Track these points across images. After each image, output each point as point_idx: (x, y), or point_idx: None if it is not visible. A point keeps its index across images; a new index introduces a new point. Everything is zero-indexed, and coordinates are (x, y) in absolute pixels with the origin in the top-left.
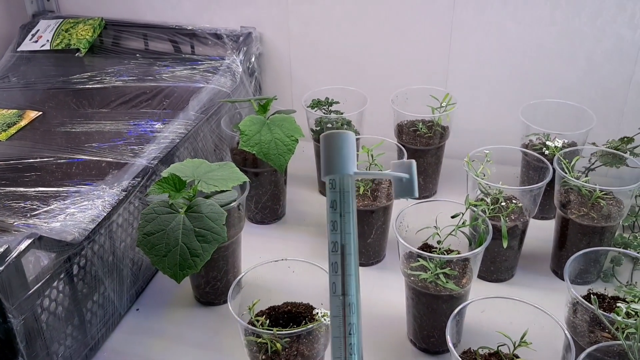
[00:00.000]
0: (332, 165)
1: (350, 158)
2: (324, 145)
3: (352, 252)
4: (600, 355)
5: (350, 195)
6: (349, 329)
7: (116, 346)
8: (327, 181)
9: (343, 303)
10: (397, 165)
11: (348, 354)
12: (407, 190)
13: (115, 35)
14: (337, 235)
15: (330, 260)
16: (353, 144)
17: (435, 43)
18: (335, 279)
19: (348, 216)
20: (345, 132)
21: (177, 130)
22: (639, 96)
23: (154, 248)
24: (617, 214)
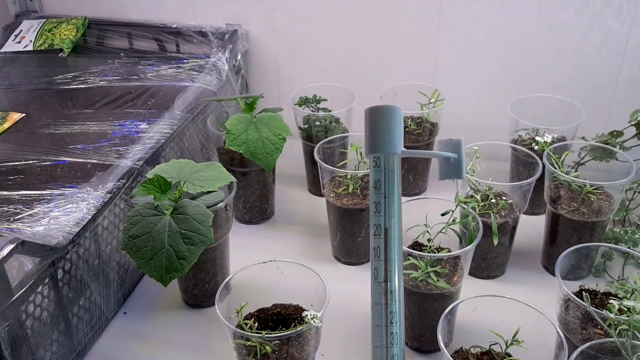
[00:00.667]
0: (377, 142)
1: (398, 135)
2: (370, 119)
3: (396, 236)
4: (593, 352)
5: (396, 175)
6: (391, 317)
7: (103, 351)
8: (370, 159)
9: (385, 290)
10: (444, 143)
11: (389, 344)
12: (454, 171)
13: (99, 34)
14: (380, 217)
15: (373, 245)
16: (401, 120)
17: (423, 39)
18: (377, 264)
19: (392, 197)
20: (393, 106)
21: (163, 130)
22: (627, 90)
23: (139, 251)
24: (608, 209)
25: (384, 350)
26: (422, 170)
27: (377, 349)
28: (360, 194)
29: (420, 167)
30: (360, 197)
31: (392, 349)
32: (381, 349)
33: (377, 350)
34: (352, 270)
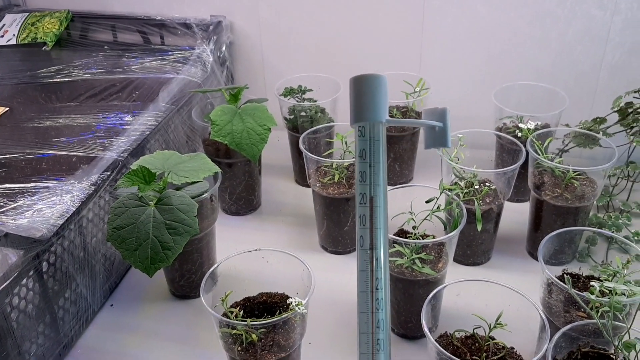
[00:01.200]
0: (362, 111)
1: (383, 104)
2: (354, 88)
3: (382, 204)
4: (575, 334)
5: (381, 144)
6: (376, 283)
7: (90, 343)
8: (355, 128)
9: (370, 257)
10: (429, 112)
11: (375, 309)
12: (439, 140)
13: (82, 27)
14: (366, 186)
15: (359, 213)
16: (386, 89)
17: (407, 28)
18: (363, 232)
19: (378, 166)
20: (378, 75)
21: (147, 122)
22: (611, 77)
23: (124, 242)
24: (591, 194)
25: (369, 315)
26: (408, 160)
27: (362, 315)
28: (346, 184)
29: (406, 157)
30: (346, 186)
31: (378, 314)
32: (367, 314)
33: (363, 315)
34: (339, 259)
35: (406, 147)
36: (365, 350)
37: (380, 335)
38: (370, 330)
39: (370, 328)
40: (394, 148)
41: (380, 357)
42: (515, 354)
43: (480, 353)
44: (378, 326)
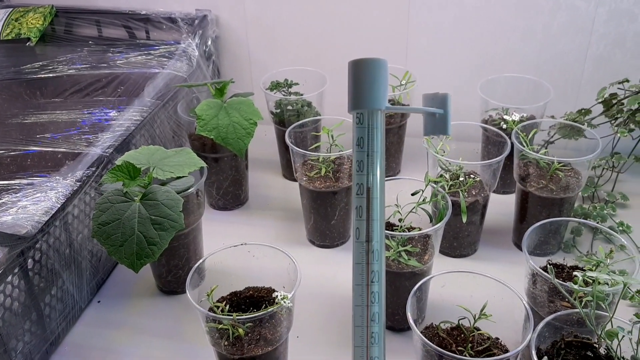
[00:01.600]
0: (360, 97)
1: (382, 90)
2: (353, 73)
3: (378, 195)
4: (559, 324)
5: (380, 132)
6: (372, 276)
7: (78, 340)
8: (353, 115)
9: (367, 250)
10: (430, 98)
11: (370, 302)
12: (440, 128)
13: (67, 22)
14: (362, 176)
15: (355, 204)
16: (386, 74)
17: (393, 21)
18: (359, 224)
19: (376, 156)
20: (378, 59)
21: (133, 118)
22: (595, 68)
23: (109, 238)
24: (576, 185)
25: (364, 308)
26: (395, 153)
27: (357, 308)
28: (332, 177)
29: (393, 150)
30: (332, 180)
31: (373, 308)
32: (362, 308)
33: (358, 309)
34: (326, 253)
35: (393, 140)
36: (360, 344)
37: (374, 328)
38: (365, 323)
39: (365, 321)
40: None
41: (374, 350)
42: (500, 344)
43: (466, 344)
44: (373, 319)
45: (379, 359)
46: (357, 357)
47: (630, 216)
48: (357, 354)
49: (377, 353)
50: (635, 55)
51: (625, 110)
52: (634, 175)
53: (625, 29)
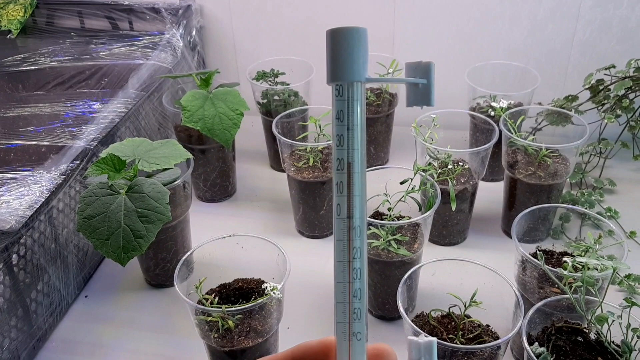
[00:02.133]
0: (340, 69)
1: (363, 61)
2: (331, 43)
3: (359, 170)
4: (549, 310)
5: (360, 105)
6: (353, 253)
7: (65, 335)
8: (332, 87)
9: (348, 226)
10: (412, 67)
11: (352, 278)
12: (423, 98)
13: (48, 14)
14: (343, 151)
15: (335, 180)
16: (366, 44)
17: (379, 9)
18: (340, 200)
19: (356, 129)
20: (358, 28)
21: (117, 110)
22: (582, 54)
23: (95, 232)
24: (564, 171)
25: (346, 285)
26: (384, 142)
27: (339, 284)
28: (320, 167)
29: (381, 139)
30: (321, 170)
31: (355, 284)
32: (343, 284)
33: (340, 285)
34: (315, 243)
35: (381, 129)
36: (342, 320)
37: (357, 304)
38: (347, 300)
39: (347, 297)
40: (368, 130)
41: (356, 326)
42: (491, 331)
43: (457, 331)
44: (355, 295)
45: (361, 334)
46: (339, 333)
47: (617, 202)
48: (339, 330)
49: (359, 329)
50: (621, 40)
51: (612, 96)
52: (621, 161)
53: (610, 15)
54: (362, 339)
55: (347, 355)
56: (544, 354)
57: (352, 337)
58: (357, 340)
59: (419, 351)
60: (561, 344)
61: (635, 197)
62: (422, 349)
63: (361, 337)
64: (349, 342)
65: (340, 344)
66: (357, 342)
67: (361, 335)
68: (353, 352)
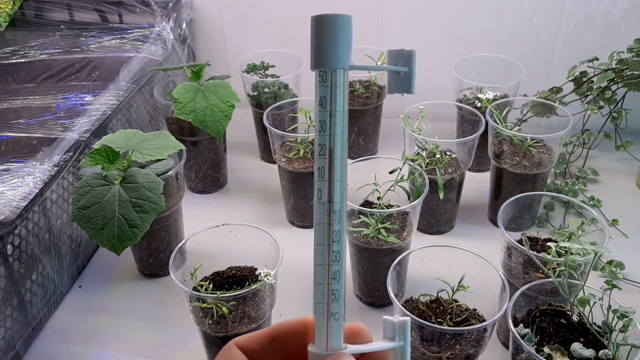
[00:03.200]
0: (323, 55)
1: (346, 48)
2: (315, 29)
3: (341, 156)
4: (533, 294)
5: (342, 91)
6: (333, 236)
7: (60, 324)
8: (316, 74)
9: (329, 210)
10: (394, 54)
11: (331, 261)
12: (404, 86)
13: (37, 7)
14: (325, 136)
15: (317, 165)
16: (350, 31)
17: (368, 2)
18: (321, 184)
19: (338, 115)
20: (342, 15)
21: (109, 102)
22: (566, 47)
23: (90, 222)
24: (548, 161)
25: (325, 267)
26: (372, 133)
27: (318, 267)
28: (311, 158)
29: (370, 130)
30: (311, 160)
31: (334, 266)
32: (323, 266)
33: (319, 267)
34: (306, 233)
35: (370, 121)
36: (320, 300)
37: (335, 286)
38: (326, 281)
39: (326, 279)
40: (357, 122)
41: (334, 307)
42: (478, 314)
43: (445, 315)
44: (334, 277)
45: (339, 314)
46: (318, 313)
47: (600, 190)
48: (317, 310)
49: (337, 309)
50: (603, 34)
51: (594, 88)
52: (604, 151)
53: (594, 9)
54: (339, 319)
55: (326, 334)
56: (529, 335)
57: (330, 317)
58: (334, 320)
59: (393, 330)
60: (545, 326)
61: (617, 186)
62: (397, 327)
63: (339, 317)
64: (327, 321)
65: (318, 323)
66: (334, 321)
67: (339, 316)
68: (331, 331)
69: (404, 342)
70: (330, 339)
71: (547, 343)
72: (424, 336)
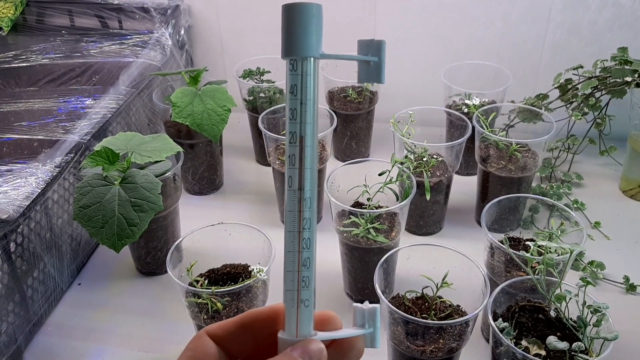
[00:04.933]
0: (294, 44)
1: (316, 36)
2: (285, 18)
3: (311, 144)
4: (513, 290)
5: (313, 80)
6: (303, 223)
7: (60, 320)
8: (287, 62)
9: (299, 198)
10: (365, 44)
11: (302, 248)
12: (374, 75)
13: (38, 12)
14: (296, 124)
15: (288, 153)
16: (320, 20)
17: (361, 10)
18: (292, 172)
19: (309, 104)
20: (312, 3)
21: (109, 106)
22: (552, 55)
23: (91, 220)
24: (533, 165)
25: (295, 254)
26: (364, 138)
27: (289, 254)
28: None
29: (362, 135)
30: None
31: (304, 253)
32: (293, 253)
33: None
34: None
35: (362, 125)
36: (290, 287)
37: (305, 273)
38: (297, 268)
39: (296, 266)
40: (350, 126)
41: (304, 293)
42: (461, 310)
43: (430, 311)
44: (304, 264)
45: (309, 301)
46: (288, 300)
47: (584, 194)
48: (287, 297)
49: (308, 296)
50: (589, 42)
51: (579, 94)
52: (589, 156)
53: (579, 18)
54: (309, 306)
55: (295, 321)
56: (507, 329)
57: (300, 304)
58: (304, 307)
59: (363, 316)
60: (524, 321)
61: (600, 190)
62: (366, 314)
63: (309, 304)
64: (297, 308)
65: (289, 310)
66: (304, 308)
67: (309, 302)
68: (301, 318)
69: (373, 329)
70: (300, 326)
71: (526, 337)
72: (409, 331)
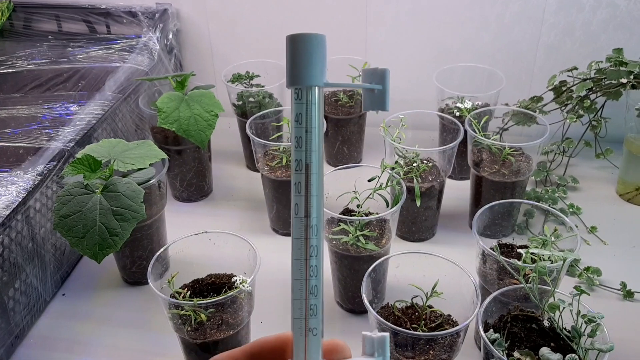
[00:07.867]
0: (298, 73)
1: (320, 66)
2: (290, 48)
3: (317, 171)
4: (505, 299)
5: (317, 108)
6: (310, 251)
7: (43, 332)
8: (292, 91)
9: (306, 225)
10: (369, 73)
11: (309, 275)
12: (378, 103)
13: (25, 17)
14: (301, 152)
15: (294, 180)
16: (324, 50)
17: (352, 13)
18: (298, 199)
19: (314, 132)
20: (316, 34)
21: (94, 112)
22: (546, 56)
23: (71, 230)
24: (527, 169)
25: (303, 282)
26: (356, 142)
27: (296, 282)
28: None
29: (354, 139)
30: None
31: (312, 281)
32: (301, 281)
33: (297, 282)
34: (289, 240)
35: (354, 130)
36: (298, 316)
37: (313, 301)
38: (304, 296)
39: (304, 294)
40: (341, 131)
41: (312, 322)
42: (452, 320)
43: (420, 321)
44: (312, 292)
45: (317, 330)
46: (296, 329)
47: (580, 198)
48: (295, 326)
49: (316, 324)
50: (583, 43)
51: (574, 97)
52: (584, 159)
53: (574, 19)
54: (317, 335)
55: (304, 350)
56: (499, 340)
57: (309, 333)
58: (313, 336)
59: (372, 345)
60: (516, 331)
61: (596, 194)
62: (375, 343)
63: (317, 333)
64: (305, 337)
65: (297, 339)
66: (313, 337)
67: (317, 331)
68: (309, 347)
69: (383, 358)
70: (308, 355)
71: (518, 348)
72: (398, 342)
